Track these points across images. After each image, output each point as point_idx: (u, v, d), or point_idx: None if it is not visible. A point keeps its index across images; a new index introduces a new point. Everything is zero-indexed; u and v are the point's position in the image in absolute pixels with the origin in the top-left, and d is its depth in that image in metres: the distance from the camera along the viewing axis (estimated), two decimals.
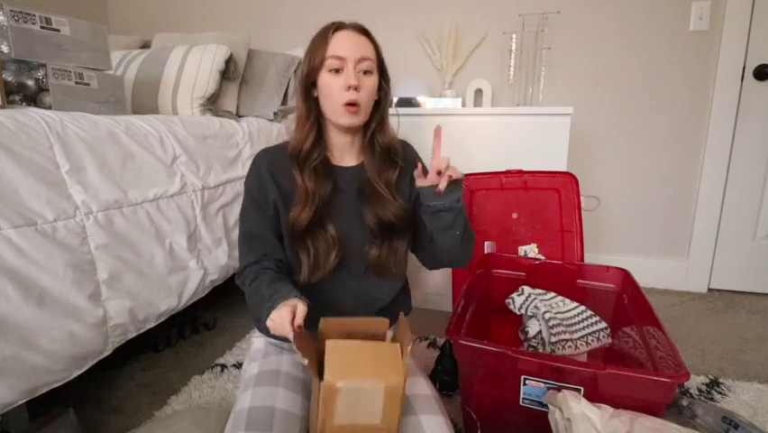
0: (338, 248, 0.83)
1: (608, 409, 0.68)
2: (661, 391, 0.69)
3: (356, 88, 0.79)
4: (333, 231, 0.83)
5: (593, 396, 0.71)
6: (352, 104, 0.79)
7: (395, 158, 0.90)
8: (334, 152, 0.89)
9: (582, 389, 0.73)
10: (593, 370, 0.71)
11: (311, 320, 0.78)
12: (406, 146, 0.97)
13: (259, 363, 0.83)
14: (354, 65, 0.79)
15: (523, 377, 0.77)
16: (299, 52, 1.96)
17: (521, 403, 0.79)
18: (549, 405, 0.73)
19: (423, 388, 0.80)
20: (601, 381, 0.71)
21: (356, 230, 0.86)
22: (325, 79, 0.81)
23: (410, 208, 0.90)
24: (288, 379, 0.80)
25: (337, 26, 0.82)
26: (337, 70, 0.80)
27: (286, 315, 0.65)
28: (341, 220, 0.85)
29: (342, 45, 0.80)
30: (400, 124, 0.96)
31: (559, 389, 0.73)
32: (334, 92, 0.80)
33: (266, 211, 0.83)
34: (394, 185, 0.88)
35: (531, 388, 0.77)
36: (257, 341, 0.91)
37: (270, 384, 0.77)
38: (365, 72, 0.81)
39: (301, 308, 0.67)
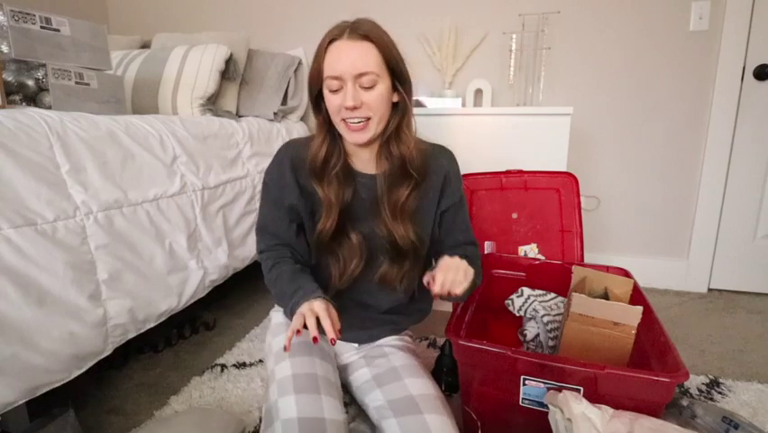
0: (361, 254, 0.85)
1: (609, 410, 0.68)
2: (660, 390, 0.69)
3: (356, 107, 0.74)
4: (356, 239, 0.84)
5: (593, 396, 0.71)
6: (353, 121, 0.76)
7: (411, 171, 0.82)
8: (354, 158, 0.86)
9: (582, 389, 0.73)
10: (593, 370, 0.71)
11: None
12: (444, 155, 0.90)
13: (284, 337, 0.83)
14: (353, 82, 0.73)
15: (523, 377, 0.77)
16: (299, 52, 1.96)
17: (521, 403, 0.79)
18: (549, 405, 0.73)
19: (428, 388, 0.81)
20: (601, 381, 0.71)
21: (375, 238, 0.86)
22: (326, 95, 0.78)
23: (421, 232, 0.86)
24: (318, 349, 0.84)
25: (332, 38, 0.75)
26: (336, 91, 0.75)
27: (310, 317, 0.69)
28: (362, 227, 0.85)
29: (338, 62, 0.73)
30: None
31: (559, 389, 0.73)
32: (334, 110, 0.77)
33: (281, 207, 0.86)
34: (407, 207, 0.83)
35: (531, 388, 0.77)
36: (276, 315, 0.96)
37: (305, 354, 0.81)
38: (367, 84, 0.74)
39: (333, 312, 0.73)
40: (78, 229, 0.81)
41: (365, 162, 0.86)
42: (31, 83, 1.00)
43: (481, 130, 1.53)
